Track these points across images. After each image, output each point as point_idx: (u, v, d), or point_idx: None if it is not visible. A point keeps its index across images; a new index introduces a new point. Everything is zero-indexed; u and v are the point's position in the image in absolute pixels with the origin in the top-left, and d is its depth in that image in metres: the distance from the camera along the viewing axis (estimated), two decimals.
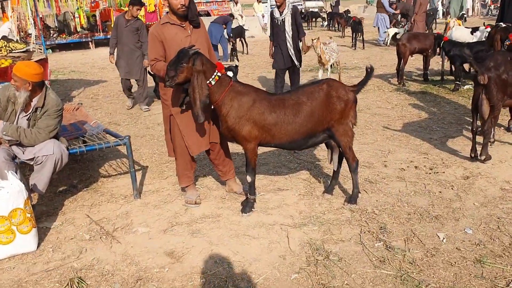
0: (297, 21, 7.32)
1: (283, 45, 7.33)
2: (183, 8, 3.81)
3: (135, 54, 7.79)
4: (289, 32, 7.28)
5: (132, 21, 7.66)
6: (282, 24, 7.27)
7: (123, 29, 7.68)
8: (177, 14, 3.85)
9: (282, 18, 7.26)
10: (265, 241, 3.52)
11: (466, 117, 6.65)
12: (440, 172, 4.71)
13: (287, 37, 7.28)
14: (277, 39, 7.40)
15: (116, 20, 7.91)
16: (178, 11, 3.82)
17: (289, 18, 7.26)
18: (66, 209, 4.24)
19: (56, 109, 3.89)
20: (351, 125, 3.85)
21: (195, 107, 3.52)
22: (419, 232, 3.57)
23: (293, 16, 7.27)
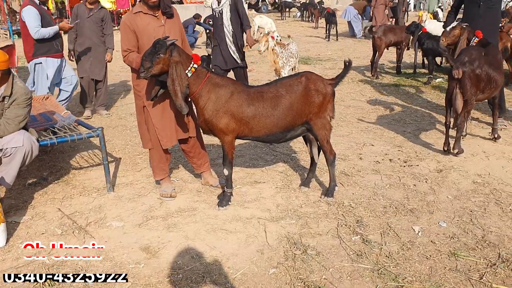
0: (239, 11, 6.11)
1: (222, 42, 6.20)
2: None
3: (99, 49, 6.65)
4: (228, 26, 6.13)
5: (96, 10, 6.50)
6: (220, 16, 6.15)
7: (85, 20, 6.45)
8: (148, 4, 3.74)
9: (220, 9, 6.15)
10: (243, 235, 3.49)
11: (439, 110, 6.76)
12: (414, 165, 4.77)
13: (225, 32, 6.14)
14: (216, 34, 6.31)
15: (76, 9, 6.57)
16: (149, 2, 3.71)
17: (228, 9, 6.10)
18: (36, 203, 4.10)
19: (25, 98, 3.74)
20: (329, 119, 3.84)
21: (177, 99, 3.44)
22: (394, 225, 3.60)
23: (233, 5, 6.10)
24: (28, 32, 5.69)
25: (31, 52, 5.86)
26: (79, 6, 6.59)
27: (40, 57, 5.89)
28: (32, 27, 5.62)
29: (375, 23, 14.34)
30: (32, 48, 5.84)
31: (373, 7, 14.37)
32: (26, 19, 5.64)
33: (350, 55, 12.26)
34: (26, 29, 5.70)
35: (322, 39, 16.09)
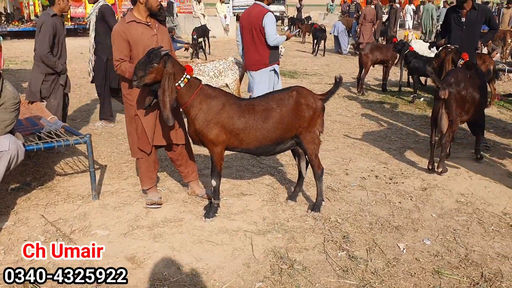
0: (109, 23, 5.80)
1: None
2: (159, 6, 3.79)
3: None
4: (91, 40, 5.80)
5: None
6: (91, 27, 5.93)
7: (62, 33, 5.40)
8: (152, 10, 3.78)
9: (89, 19, 5.85)
10: (229, 247, 3.48)
11: (423, 129, 6.86)
12: (399, 182, 4.82)
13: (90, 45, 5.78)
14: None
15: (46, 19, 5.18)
16: (156, 8, 3.79)
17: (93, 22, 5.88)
18: (19, 208, 4.03)
19: (13, 102, 3.68)
20: (318, 133, 3.88)
21: (165, 110, 3.43)
22: (380, 242, 3.63)
23: (100, 17, 5.88)
24: (263, 39, 5.53)
25: (268, 60, 5.69)
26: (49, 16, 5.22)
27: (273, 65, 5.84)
28: (272, 34, 5.49)
29: (362, 40, 14.61)
30: (268, 55, 5.66)
31: (360, 24, 14.63)
32: (267, 26, 5.46)
33: (337, 71, 12.41)
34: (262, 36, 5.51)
35: (309, 53, 16.25)
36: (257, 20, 5.47)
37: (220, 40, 20.13)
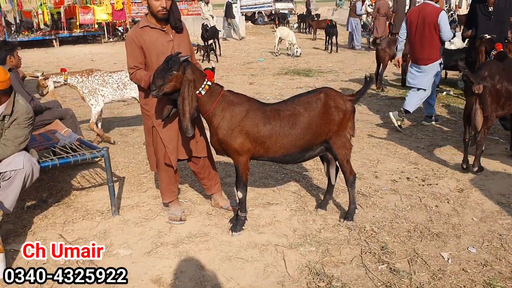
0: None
1: None
2: (164, 11, 3.48)
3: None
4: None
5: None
6: None
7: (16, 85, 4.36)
8: (157, 17, 3.53)
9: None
10: (260, 264, 3.24)
11: (449, 125, 6.57)
12: (433, 184, 4.55)
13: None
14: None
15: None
16: (158, 13, 3.49)
17: None
18: (36, 228, 3.85)
19: (26, 117, 3.50)
20: (349, 137, 3.63)
21: (184, 119, 3.21)
22: (421, 251, 3.37)
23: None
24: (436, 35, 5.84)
25: (439, 54, 6.02)
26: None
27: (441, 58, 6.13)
28: (449, 30, 5.78)
29: (376, 35, 14.29)
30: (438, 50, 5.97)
31: (374, 18, 14.31)
32: (443, 23, 5.74)
33: (351, 67, 12.14)
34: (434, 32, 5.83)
35: (321, 50, 15.97)
36: (431, 17, 5.80)
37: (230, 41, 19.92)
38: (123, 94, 5.87)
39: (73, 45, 19.74)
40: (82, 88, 5.66)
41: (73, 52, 17.30)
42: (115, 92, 5.81)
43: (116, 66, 13.55)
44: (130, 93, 5.90)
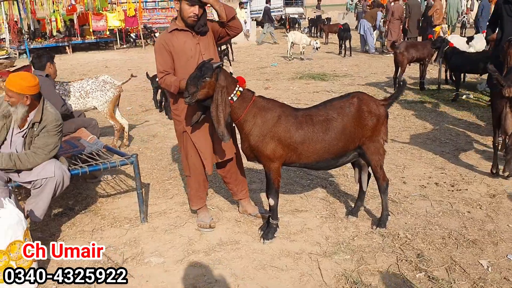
0: None
1: None
2: (195, 18, 3.45)
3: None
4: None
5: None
6: None
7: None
8: (186, 22, 3.50)
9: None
10: (295, 273, 3.18)
11: (472, 128, 6.48)
12: (462, 189, 4.47)
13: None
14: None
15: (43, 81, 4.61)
16: (188, 19, 3.46)
17: None
18: (65, 236, 3.82)
19: (56, 125, 3.48)
20: (382, 142, 3.57)
21: (219, 126, 3.17)
22: (459, 259, 3.30)
23: None
24: None
25: None
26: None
27: None
28: None
29: (390, 38, 14.21)
30: None
31: (388, 21, 14.23)
32: None
33: (366, 71, 12.06)
34: None
35: (334, 54, 15.89)
36: None
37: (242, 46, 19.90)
38: (85, 103, 5.58)
39: (86, 52, 19.84)
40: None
41: (86, 59, 17.38)
42: (77, 101, 5.50)
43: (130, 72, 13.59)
44: (92, 102, 5.61)
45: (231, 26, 3.53)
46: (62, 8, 20.14)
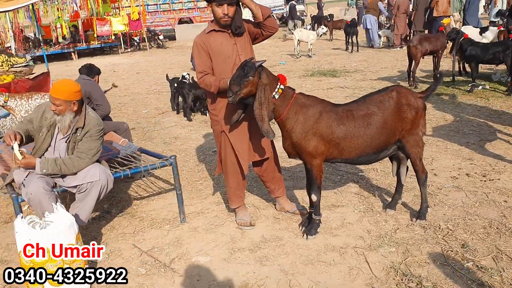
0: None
1: None
2: (226, 17, 3.47)
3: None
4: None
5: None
6: None
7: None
8: (220, 23, 3.52)
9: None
10: (344, 267, 3.21)
11: (494, 119, 6.49)
12: (495, 179, 4.49)
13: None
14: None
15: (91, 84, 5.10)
16: (220, 20, 3.48)
17: None
18: (107, 239, 3.86)
19: (98, 129, 3.51)
20: (421, 135, 3.59)
21: (264, 124, 3.19)
22: (504, 248, 3.32)
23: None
24: None
25: None
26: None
27: None
28: None
29: (397, 32, 14.22)
30: None
31: (394, 16, 14.24)
32: None
33: (376, 66, 12.08)
34: None
35: (341, 50, 15.90)
36: None
37: None
38: None
39: (91, 57, 19.86)
40: (21, 112, 5.25)
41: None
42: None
43: (139, 75, 13.66)
44: None
45: (267, 25, 3.55)
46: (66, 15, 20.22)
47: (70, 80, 3.51)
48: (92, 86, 5.03)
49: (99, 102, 5.01)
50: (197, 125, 7.46)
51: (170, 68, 14.20)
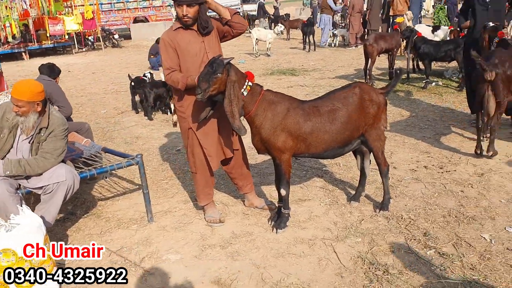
0: None
1: None
2: (186, 18, 3.48)
3: None
4: None
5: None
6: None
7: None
8: (181, 23, 3.54)
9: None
10: (313, 258, 3.30)
11: (447, 113, 6.79)
12: (451, 170, 4.71)
13: None
14: None
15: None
16: (182, 20, 3.51)
17: None
18: (74, 240, 3.78)
19: (63, 129, 3.44)
20: (383, 129, 3.73)
21: (235, 120, 3.23)
22: (463, 235, 3.50)
23: None
24: None
25: None
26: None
27: None
28: None
29: (352, 31, 14.55)
30: None
31: (349, 15, 14.56)
32: None
33: (334, 64, 12.33)
34: None
35: (298, 50, 16.11)
36: None
37: None
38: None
39: (43, 57, 19.21)
40: None
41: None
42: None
43: (95, 75, 13.35)
44: None
45: (235, 23, 3.59)
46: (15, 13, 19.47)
47: (32, 80, 3.42)
48: (54, 87, 4.91)
49: (60, 103, 4.89)
50: (158, 124, 7.40)
51: (127, 68, 13.96)
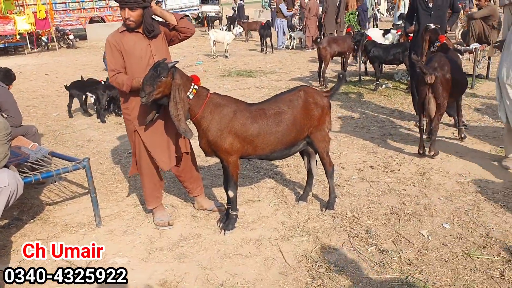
0: None
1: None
2: (128, 21, 3.50)
3: None
4: None
5: None
6: None
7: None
8: (125, 25, 3.56)
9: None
10: (260, 258, 3.37)
11: (395, 115, 7.03)
12: (395, 170, 4.90)
13: None
14: None
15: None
16: (125, 22, 3.53)
17: None
18: (18, 246, 3.70)
19: (5, 133, 3.36)
20: (327, 131, 3.85)
21: (181, 123, 3.26)
22: (402, 232, 3.66)
23: None
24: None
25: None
26: None
27: None
28: None
29: (308, 34, 14.78)
30: None
31: (306, 18, 14.78)
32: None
33: (290, 66, 12.50)
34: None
35: (256, 52, 16.24)
36: None
37: None
38: None
39: None
40: None
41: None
42: None
43: (48, 76, 13.03)
44: None
45: (182, 28, 3.63)
46: None
47: None
48: (6, 95, 4.70)
49: (11, 113, 4.64)
50: (111, 127, 7.31)
51: (82, 69, 13.69)
